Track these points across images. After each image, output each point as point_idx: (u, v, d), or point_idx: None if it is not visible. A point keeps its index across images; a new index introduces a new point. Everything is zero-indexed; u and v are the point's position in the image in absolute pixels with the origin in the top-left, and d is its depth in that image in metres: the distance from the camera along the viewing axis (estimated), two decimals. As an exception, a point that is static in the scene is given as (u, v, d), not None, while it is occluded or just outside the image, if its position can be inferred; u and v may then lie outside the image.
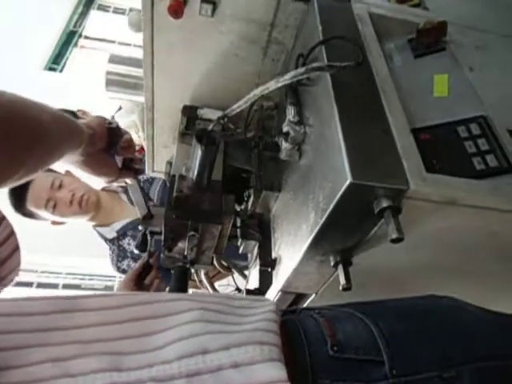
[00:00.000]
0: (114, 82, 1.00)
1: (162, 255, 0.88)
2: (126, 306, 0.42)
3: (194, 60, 0.87)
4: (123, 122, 1.09)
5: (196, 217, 0.79)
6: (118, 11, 4.20)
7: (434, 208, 0.51)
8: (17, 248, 0.34)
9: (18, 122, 0.34)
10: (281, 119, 0.89)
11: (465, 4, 0.87)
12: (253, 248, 1.04)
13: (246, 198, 0.99)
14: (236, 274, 1.18)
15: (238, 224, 0.96)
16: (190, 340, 0.38)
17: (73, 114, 1.37)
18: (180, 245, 0.87)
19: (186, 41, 0.83)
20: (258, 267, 0.99)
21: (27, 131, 0.35)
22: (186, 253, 0.86)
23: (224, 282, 1.43)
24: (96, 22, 4.00)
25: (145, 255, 0.88)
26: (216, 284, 1.19)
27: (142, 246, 0.84)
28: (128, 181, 0.65)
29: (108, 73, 0.99)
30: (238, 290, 1.15)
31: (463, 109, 0.65)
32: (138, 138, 1.16)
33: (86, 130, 0.50)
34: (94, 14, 3.98)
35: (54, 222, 1.39)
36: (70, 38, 3.61)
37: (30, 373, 0.34)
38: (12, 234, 0.34)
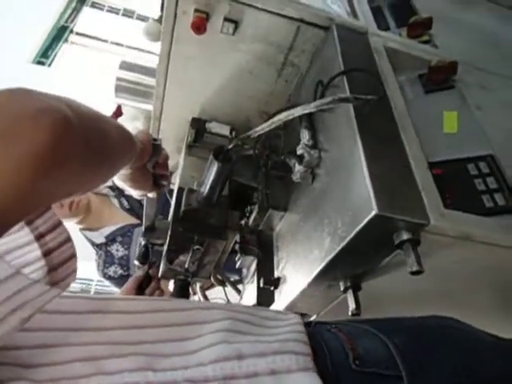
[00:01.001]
0: (124, 89, 0.99)
1: (161, 266, 0.87)
2: (158, 312, 0.43)
3: (209, 74, 0.88)
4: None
5: (202, 231, 0.79)
6: (112, 10, 4.17)
7: (448, 242, 0.54)
8: (73, 256, 0.34)
9: (92, 134, 0.33)
10: (289, 139, 0.90)
11: (472, 44, 0.91)
12: (250, 264, 1.04)
13: (247, 214, 1.00)
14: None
15: (238, 239, 0.97)
16: (224, 345, 0.39)
17: None
18: (181, 257, 0.86)
19: (203, 55, 0.84)
20: (254, 283, 1.00)
21: (100, 145, 0.35)
22: (187, 265, 0.86)
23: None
24: (88, 19, 3.95)
25: (144, 266, 0.87)
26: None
27: (143, 257, 0.83)
28: (150, 194, 0.65)
29: (118, 79, 0.99)
30: (230, 304, 1.14)
31: (472, 146, 0.68)
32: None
33: (138, 144, 0.50)
34: (87, 11, 3.93)
35: None
36: (60, 33, 3.54)
37: (61, 371, 0.34)
38: (68, 240, 0.34)
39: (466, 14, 1.09)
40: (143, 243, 0.80)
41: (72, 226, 1.42)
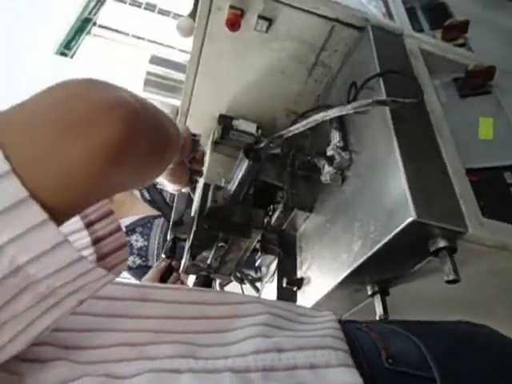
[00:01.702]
0: (153, 83, 1.00)
1: (183, 261, 0.88)
2: (197, 304, 0.43)
3: (240, 72, 0.87)
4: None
5: (227, 229, 0.79)
6: (135, 3, 4.19)
7: (484, 251, 0.53)
8: (123, 245, 0.34)
9: (155, 128, 0.33)
10: (316, 139, 0.90)
11: (507, 49, 0.89)
12: (270, 263, 1.04)
13: (270, 213, 1.00)
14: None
15: (259, 237, 0.96)
16: (263, 338, 0.39)
17: None
18: (204, 253, 0.87)
19: (235, 52, 0.83)
20: (274, 282, 0.99)
21: (160, 140, 0.35)
22: (209, 262, 0.86)
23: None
24: (111, 12, 3.99)
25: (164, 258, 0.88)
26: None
27: (170, 251, 0.83)
28: (183, 189, 0.65)
29: (148, 73, 0.99)
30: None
31: (508, 154, 0.66)
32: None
33: (181, 140, 0.50)
34: (110, 4, 3.96)
35: None
36: (84, 25, 3.58)
37: (101, 354, 0.35)
38: (118, 230, 0.34)
39: (500, 17, 1.06)
40: (171, 237, 0.80)
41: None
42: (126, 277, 1.64)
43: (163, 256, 0.84)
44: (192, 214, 0.84)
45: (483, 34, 0.90)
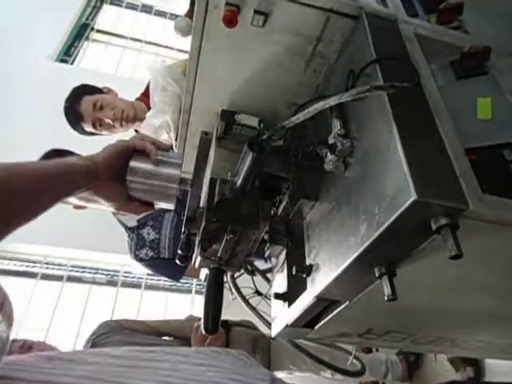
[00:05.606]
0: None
1: (194, 255, 0.90)
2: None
3: (239, 67, 0.89)
4: (156, 122, 1.12)
5: (236, 221, 0.81)
6: (131, 6, 4.21)
7: (486, 228, 0.54)
8: None
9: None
10: (317, 128, 0.91)
11: (502, 29, 0.90)
12: (279, 253, 1.06)
13: (276, 204, 1.01)
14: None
15: (267, 229, 0.98)
16: None
17: (99, 90, 1.43)
18: (214, 246, 0.89)
19: (232, 48, 0.85)
20: (284, 272, 1.01)
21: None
22: (219, 254, 0.88)
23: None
24: (109, 16, 4.01)
25: None
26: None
27: (185, 248, 0.86)
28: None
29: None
30: (259, 293, 1.17)
31: (507, 132, 0.68)
32: (169, 138, 1.18)
33: (85, 170, 0.64)
34: (106, 8, 3.99)
35: (76, 207, 1.41)
36: (82, 31, 3.61)
37: None
38: None
39: (495, -2, 1.07)
40: (185, 234, 0.82)
41: (106, 210, 1.47)
42: (132, 276, 1.67)
43: (179, 252, 0.87)
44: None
45: (478, 16, 0.91)
